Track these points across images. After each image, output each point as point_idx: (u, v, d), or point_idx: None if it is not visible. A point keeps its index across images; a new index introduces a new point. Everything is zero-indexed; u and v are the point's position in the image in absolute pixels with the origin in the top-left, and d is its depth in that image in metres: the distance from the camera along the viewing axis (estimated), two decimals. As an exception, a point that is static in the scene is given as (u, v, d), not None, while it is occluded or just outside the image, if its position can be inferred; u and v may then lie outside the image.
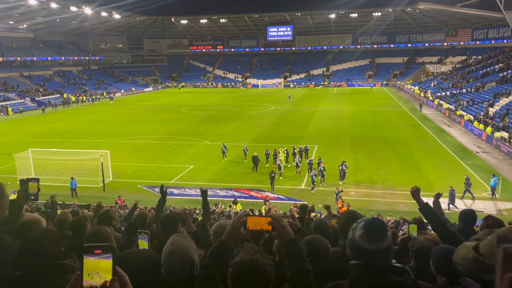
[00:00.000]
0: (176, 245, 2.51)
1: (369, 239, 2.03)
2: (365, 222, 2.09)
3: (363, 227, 2.07)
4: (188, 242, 2.57)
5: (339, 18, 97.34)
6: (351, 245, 2.11)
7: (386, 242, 2.05)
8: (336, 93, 78.58)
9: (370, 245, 2.03)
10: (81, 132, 42.35)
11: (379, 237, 2.04)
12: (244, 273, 1.95)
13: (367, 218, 2.16)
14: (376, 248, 2.03)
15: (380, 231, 2.06)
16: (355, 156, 30.53)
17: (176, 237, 2.60)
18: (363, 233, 2.05)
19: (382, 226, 2.08)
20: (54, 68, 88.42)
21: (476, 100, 49.18)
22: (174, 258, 2.47)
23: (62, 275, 2.60)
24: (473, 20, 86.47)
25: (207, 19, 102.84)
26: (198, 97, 76.70)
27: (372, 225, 2.07)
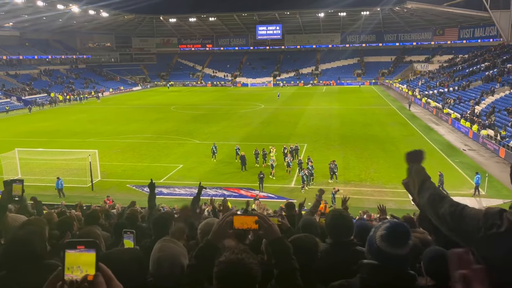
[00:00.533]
0: (164, 252, 2.47)
1: (389, 242, 1.98)
2: (390, 224, 2.05)
3: (386, 228, 2.02)
4: (176, 247, 2.54)
5: (328, 17, 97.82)
6: (370, 243, 2.07)
7: (405, 249, 1.99)
8: (325, 92, 78.92)
9: (388, 248, 1.98)
10: (68, 131, 41.89)
11: (400, 243, 1.99)
12: (229, 272, 1.93)
13: (393, 220, 2.11)
14: (395, 253, 1.98)
15: (403, 238, 2.00)
16: (344, 155, 30.70)
17: (163, 243, 2.55)
18: (384, 235, 2.00)
19: (405, 232, 2.03)
20: (41, 67, 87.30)
21: (462, 99, 49.81)
22: (163, 265, 2.44)
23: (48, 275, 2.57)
24: (459, 20, 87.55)
25: (196, 17, 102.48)
26: (187, 96, 76.38)
27: (396, 229, 2.01)
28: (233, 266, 1.93)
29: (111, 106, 63.68)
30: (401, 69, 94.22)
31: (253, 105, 61.12)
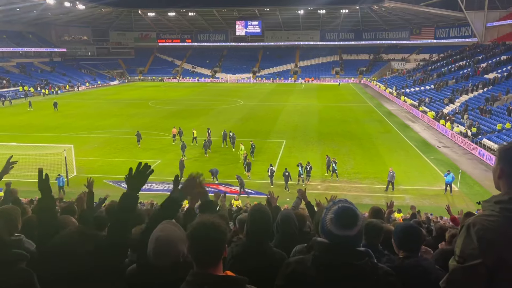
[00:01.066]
0: (164, 232, 2.49)
1: (338, 225, 2.06)
2: (338, 207, 2.11)
3: (334, 212, 2.10)
4: (177, 231, 2.55)
5: (308, 14, 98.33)
6: (322, 225, 2.14)
7: (354, 231, 2.07)
8: (304, 89, 79.39)
9: (338, 231, 2.06)
10: (43, 126, 40.89)
11: (348, 225, 2.06)
12: (200, 229, 2.11)
13: (343, 201, 2.16)
14: (343, 235, 2.06)
15: (351, 220, 2.08)
16: (322, 151, 30.97)
17: (166, 224, 2.58)
18: (333, 218, 2.08)
19: (353, 215, 2.10)
20: (14, 60, 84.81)
21: (437, 97, 50.94)
22: (159, 245, 2.46)
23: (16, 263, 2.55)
24: (436, 19, 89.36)
25: (175, 12, 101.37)
26: (165, 91, 75.58)
27: (343, 212, 2.09)
28: (204, 224, 2.13)
29: (88, 101, 62.46)
30: (379, 67, 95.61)
31: (232, 101, 60.98)
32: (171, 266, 2.45)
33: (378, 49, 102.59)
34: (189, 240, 2.13)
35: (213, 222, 2.15)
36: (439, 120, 40.08)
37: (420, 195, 22.55)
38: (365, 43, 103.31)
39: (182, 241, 2.50)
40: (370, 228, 3.65)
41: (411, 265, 2.96)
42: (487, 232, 1.86)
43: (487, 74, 51.42)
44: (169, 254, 2.46)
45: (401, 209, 18.43)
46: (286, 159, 28.87)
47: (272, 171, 24.21)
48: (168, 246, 2.46)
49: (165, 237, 2.47)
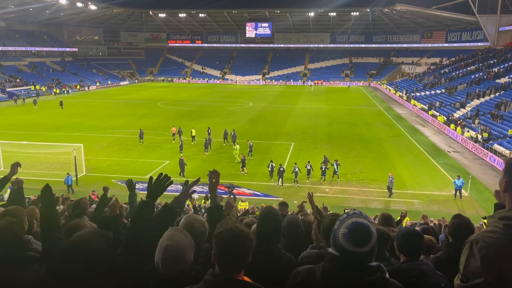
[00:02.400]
0: (172, 242, 2.48)
1: (350, 242, 1.99)
2: (352, 222, 2.03)
3: (347, 227, 2.02)
4: (186, 239, 2.54)
5: (318, 17, 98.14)
6: (333, 237, 2.08)
7: (367, 248, 2.01)
8: (313, 91, 79.20)
9: (350, 247, 1.99)
10: (54, 125, 41.30)
11: (361, 243, 2.00)
12: (228, 238, 2.09)
13: (357, 217, 2.07)
14: (355, 251, 1.99)
15: (364, 238, 2.00)
16: (331, 154, 30.81)
17: (174, 232, 2.56)
18: (346, 234, 2.01)
19: (367, 232, 2.02)
20: (27, 59, 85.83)
21: (448, 101, 50.49)
22: (168, 254, 2.45)
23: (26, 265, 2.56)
24: (447, 23, 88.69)
25: (186, 13, 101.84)
26: (175, 92, 75.91)
27: (357, 229, 2.01)
28: (231, 231, 2.12)
29: (98, 101, 62.96)
30: (389, 70, 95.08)
31: (241, 102, 61.04)
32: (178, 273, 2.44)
33: (388, 52, 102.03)
34: (216, 247, 2.12)
35: (242, 230, 2.15)
36: (449, 124, 39.71)
37: (429, 200, 22.33)
38: (376, 46, 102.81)
39: (190, 249, 2.50)
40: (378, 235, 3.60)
41: (409, 269, 2.95)
42: (489, 250, 1.81)
43: (498, 78, 50.86)
44: (178, 263, 2.44)
45: (407, 212, 18.19)
46: (294, 161, 28.77)
47: (272, 167, 25.00)
48: (177, 255, 2.44)
49: (174, 246, 2.44)
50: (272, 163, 25.34)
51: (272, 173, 25.14)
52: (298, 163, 25.66)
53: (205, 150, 30.71)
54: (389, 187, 22.77)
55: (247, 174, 26.11)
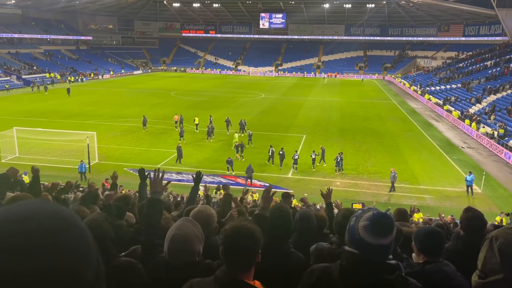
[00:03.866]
0: (180, 231, 2.48)
1: (374, 233, 1.94)
2: (373, 214, 1.99)
3: (369, 219, 1.97)
4: (194, 230, 2.54)
5: (333, 8, 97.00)
6: (351, 232, 2.03)
7: (388, 239, 1.97)
8: (326, 84, 78.64)
9: (372, 239, 1.94)
10: (68, 112, 41.76)
11: (383, 233, 1.95)
12: (234, 236, 2.07)
13: (374, 209, 2.05)
14: (377, 243, 1.95)
15: (387, 228, 1.96)
16: (343, 147, 30.68)
17: (184, 222, 2.57)
18: (367, 225, 1.95)
19: (390, 222, 1.98)
20: (42, 47, 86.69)
21: (464, 96, 49.70)
22: (175, 243, 2.47)
23: None
24: (465, 16, 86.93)
25: (200, 3, 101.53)
26: (188, 82, 76.04)
27: (380, 219, 1.96)
28: (237, 229, 2.09)
29: (112, 89, 63.41)
30: (404, 64, 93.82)
31: (253, 94, 60.92)
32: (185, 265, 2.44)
33: (403, 45, 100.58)
34: (221, 245, 2.10)
35: (248, 228, 2.11)
36: (464, 120, 39.13)
37: (441, 196, 22.11)
38: (391, 39, 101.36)
39: (198, 239, 2.49)
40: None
41: (432, 271, 2.86)
42: (510, 246, 1.78)
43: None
44: (185, 252, 2.44)
45: (419, 209, 18.06)
46: (306, 153, 28.71)
47: (272, 152, 26.06)
48: (183, 244, 2.44)
49: (181, 235, 2.45)
50: (272, 148, 26.28)
51: (272, 157, 26.21)
52: (308, 154, 25.74)
53: (207, 137, 31.78)
54: (392, 182, 22.58)
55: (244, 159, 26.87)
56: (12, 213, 0.78)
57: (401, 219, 5.15)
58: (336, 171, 25.13)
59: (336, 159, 25.25)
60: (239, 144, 27.81)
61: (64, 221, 0.79)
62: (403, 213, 5.44)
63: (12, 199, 3.40)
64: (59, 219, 0.78)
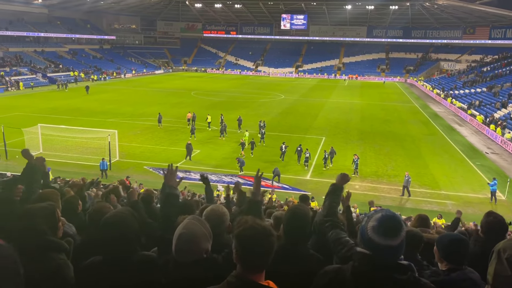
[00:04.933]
0: (186, 230, 2.50)
1: (380, 234, 1.96)
2: (381, 215, 2.02)
3: (377, 220, 1.99)
4: (201, 228, 2.55)
5: (355, 10, 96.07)
6: (361, 233, 2.05)
7: (397, 240, 1.97)
8: (347, 86, 77.96)
9: (380, 239, 1.96)
10: (90, 110, 42.55)
11: (391, 235, 1.97)
12: (251, 236, 2.06)
13: (386, 211, 2.07)
14: (385, 244, 1.96)
15: (394, 229, 1.98)
16: (363, 150, 30.35)
17: (191, 220, 2.58)
18: (376, 226, 1.98)
19: (397, 224, 2.00)
20: (67, 46, 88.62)
21: (489, 100, 48.53)
22: (181, 242, 2.48)
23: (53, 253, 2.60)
24: (491, 19, 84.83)
25: (222, 3, 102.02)
26: (208, 82, 76.52)
27: (387, 220, 1.99)
28: (255, 231, 2.08)
29: (133, 88, 64.33)
30: (427, 66, 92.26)
31: (273, 94, 60.87)
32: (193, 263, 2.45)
33: (427, 48, 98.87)
34: (236, 243, 2.10)
35: (264, 227, 2.10)
36: (489, 125, 38.19)
37: (463, 202, 21.62)
38: (414, 41, 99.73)
39: (206, 238, 2.50)
40: (410, 237, 3.49)
41: (459, 279, 2.79)
42: None
43: (545, 78, 48.37)
44: (191, 251, 2.46)
45: (442, 214, 17.71)
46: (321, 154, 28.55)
47: (285, 147, 27.15)
48: (190, 243, 2.46)
49: (188, 234, 2.47)
50: (283, 145, 27.21)
51: (284, 154, 27.18)
52: (339, 155, 25.95)
53: (220, 135, 32.91)
54: (405, 187, 22.18)
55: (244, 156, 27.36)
56: None
57: (422, 225, 5.04)
58: (353, 174, 24.88)
59: (353, 161, 25.07)
60: (250, 142, 28.70)
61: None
62: (424, 219, 5.32)
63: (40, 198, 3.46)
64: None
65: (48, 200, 3.33)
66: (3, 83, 58.79)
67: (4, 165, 24.54)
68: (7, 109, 41.67)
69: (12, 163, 24.73)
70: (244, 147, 28.41)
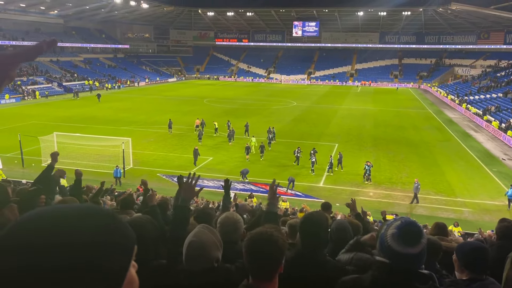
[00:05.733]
0: (196, 238, 2.51)
1: (400, 242, 1.92)
2: (401, 222, 1.98)
3: (397, 227, 1.95)
4: (211, 236, 2.55)
5: (367, 16, 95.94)
6: (380, 241, 2.01)
7: (417, 249, 1.93)
8: (360, 92, 77.58)
9: (399, 247, 1.92)
10: (104, 118, 43.08)
11: (411, 243, 1.93)
12: (257, 241, 2.04)
13: (405, 218, 2.04)
14: (405, 252, 1.92)
15: (415, 237, 1.93)
16: (376, 157, 30.08)
17: (201, 229, 2.59)
18: (395, 234, 1.94)
19: (418, 231, 1.96)
20: (82, 55, 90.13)
21: (505, 106, 47.78)
22: (191, 250, 2.50)
23: None
24: (506, 23, 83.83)
25: (234, 11, 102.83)
26: (220, 90, 76.90)
27: (407, 228, 1.94)
28: (261, 236, 2.06)
29: (147, 96, 64.97)
30: (441, 72, 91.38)
31: (285, 102, 60.86)
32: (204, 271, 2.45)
33: (441, 53, 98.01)
34: (244, 250, 2.08)
35: (272, 235, 2.06)
36: (505, 130, 37.56)
37: (480, 209, 21.23)
38: (427, 47, 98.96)
39: (216, 246, 2.50)
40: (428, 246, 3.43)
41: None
42: None
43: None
44: (201, 259, 2.47)
45: (458, 222, 17.40)
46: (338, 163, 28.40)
47: (299, 151, 27.61)
48: (200, 251, 2.47)
49: (197, 242, 2.48)
50: (298, 149, 27.71)
51: (298, 160, 27.67)
52: (345, 162, 25.51)
53: (229, 141, 33.67)
54: (415, 193, 21.87)
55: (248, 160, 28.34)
56: (65, 212, 0.86)
57: (440, 233, 4.94)
58: (365, 181, 24.67)
59: (364, 168, 24.86)
60: (260, 145, 29.33)
61: (111, 219, 0.87)
62: (442, 227, 5.22)
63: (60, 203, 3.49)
64: (107, 217, 0.87)
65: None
66: (20, 93, 59.93)
67: (21, 172, 24.93)
68: (24, 118, 42.43)
69: (29, 170, 25.10)
70: (250, 152, 28.90)
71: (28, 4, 75.03)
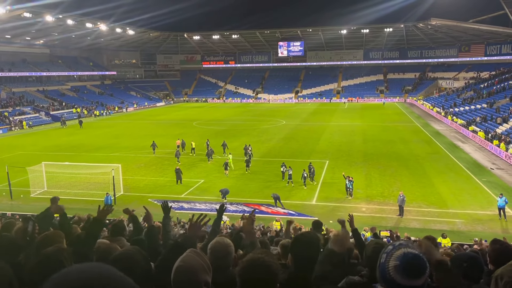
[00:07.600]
0: (184, 263, 2.49)
1: (405, 275, 1.84)
2: (403, 253, 1.88)
3: (400, 259, 1.87)
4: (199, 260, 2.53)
5: (351, 34, 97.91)
6: (381, 271, 1.92)
7: (421, 280, 1.87)
8: (347, 108, 78.43)
9: (403, 280, 1.84)
10: (94, 145, 42.79)
11: (416, 276, 1.85)
12: (250, 268, 2.07)
13: (406, 246, 1.94)
14: (409, 285, 1.85)
15: (419, 270, 1.86)
16: (367, 172, 30.24)
17: (188, 253, 2.57)
18: (399, 266, 1.85)
19: (422, 263, 1.88)
20: (69, 83, 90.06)
21: (489, 116, 48.63)
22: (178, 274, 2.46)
23: None
24: (486, 36, 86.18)
25: (219, 35, 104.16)
26: (209, 112, 77.16)
27: (412, 261, 1.86)
28: (254, 263, 2.09)
29: (135, 121, 64.85)
30: (425, 86, 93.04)
31: (274, 121, 61.21)
32: None
33: (424, 67, 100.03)
34: (238, 278, 2.09)
35: (264, 261, 2.08)
36: (492, 140, 38.13)
37: (472, 219, 21.33)
38: (411, 61, 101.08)
39: (204, 270, 2.48)
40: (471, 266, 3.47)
41: None
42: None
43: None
44: (189, 284, 2.45)
45: (446, 234, 17.35)
46: (329, 179, 28.46)
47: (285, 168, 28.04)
48: (187, 274, 2.45)
49: (184, 267, 2.46)
50: (283, 166, 28.46)
51: (284, 174, 28.19)
52: (337, 179, 25.44)
53: (208, 159, 34.63)
54: (401, 206, 21.90)
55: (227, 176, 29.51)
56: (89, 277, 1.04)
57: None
58: (348, 196, 24.74)
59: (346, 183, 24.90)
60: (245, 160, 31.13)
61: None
62: (432, 240, 5.26)
63: (43, 239, 3.44)
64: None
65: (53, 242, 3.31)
66: (7, 123, 59.44)
67: (9, 204, 24.52)
68: (11, 149, 41.98)
69: (17, 202, 24.71)
70: (228, 168, 29.95)
71: (14, 35, 75.15)
